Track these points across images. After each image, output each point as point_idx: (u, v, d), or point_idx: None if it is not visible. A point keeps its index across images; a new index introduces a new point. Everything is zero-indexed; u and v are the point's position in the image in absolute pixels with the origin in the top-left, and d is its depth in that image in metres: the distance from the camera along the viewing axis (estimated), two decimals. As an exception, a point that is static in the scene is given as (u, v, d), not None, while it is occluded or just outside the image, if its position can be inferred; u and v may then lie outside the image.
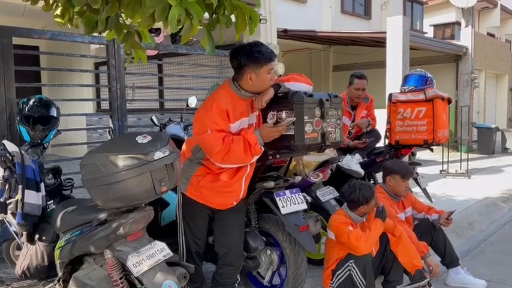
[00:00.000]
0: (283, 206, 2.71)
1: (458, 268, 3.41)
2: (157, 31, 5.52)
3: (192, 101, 4.13)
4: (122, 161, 1.94)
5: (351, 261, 2.78)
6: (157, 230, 3.19)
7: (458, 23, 12.34)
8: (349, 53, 12.09)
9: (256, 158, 2.47)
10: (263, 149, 2.46)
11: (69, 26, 2.29)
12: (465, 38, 11.51)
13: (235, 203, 2.60)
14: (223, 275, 2.71)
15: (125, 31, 2.28)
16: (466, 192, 6.51)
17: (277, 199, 2.71)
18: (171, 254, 2.15)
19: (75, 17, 2.15)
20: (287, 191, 2.80)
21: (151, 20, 1.95)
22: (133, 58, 2.48)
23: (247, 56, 2.41)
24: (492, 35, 19.06)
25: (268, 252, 2.83)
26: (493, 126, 11.35)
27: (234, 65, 2.48)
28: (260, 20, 5.90)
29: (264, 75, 2.44)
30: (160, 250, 2.14)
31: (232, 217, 2.69)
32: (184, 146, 2.68)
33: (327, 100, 2.58)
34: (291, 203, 2.75)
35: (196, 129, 2.51)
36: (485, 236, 4.75)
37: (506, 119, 14.49)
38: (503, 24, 20.81)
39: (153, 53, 5.24)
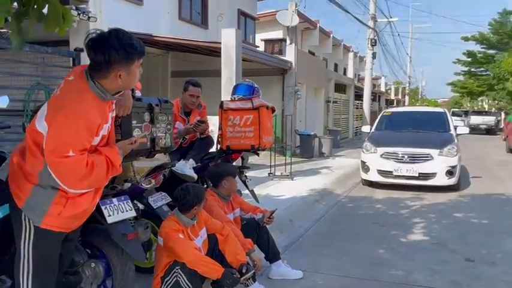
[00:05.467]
0: (110, 215, 2.58)
1: (279, 262, 3.76)
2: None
3: (3, 102, 3.60)
4: None
5: (177, 267, 2.82)
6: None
7: (285, 40, 13.67)
8: (188, 60, 12.25)
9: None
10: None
11: None
12: (290, 54, 12.81)
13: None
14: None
15: None
16: (289, 192, 7.22)
17: (102, 208, 2.56)
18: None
19: None
20: (114, 199, 2.69)
21: None
22: None
23: (118, 50, 2.04)
24: (313, 53, 21.64)
25: (93, 265, 2.65)
26: (312, 133, 12.87)
27: (98, 60, 2.05)
28: (89, 17, 5.55)
29: (135, 72, 2.14)
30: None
31: None
32: (27, 167, 2.13)
33: (157, 105, 2.58)
34: (118, 211, 2.64)
35: (50, 147, 1.99)
36: (303, 231, 5.35)
37: (323, 127, 16.58)
38: (322, 44, 23.83)
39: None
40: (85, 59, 2.77)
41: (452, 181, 7.87)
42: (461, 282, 3.78)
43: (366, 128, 10.49)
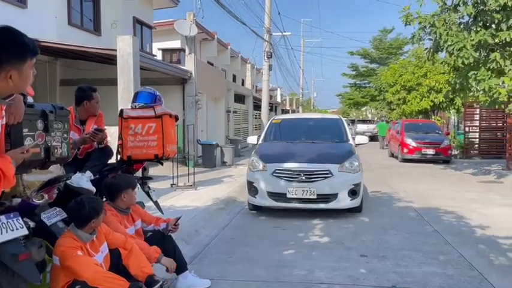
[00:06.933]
0: (-3, 234, 2.31)
1: (186, 273, 3.69)
2: None
3: None
4: None
5: (77, 286, 2.65)
6: None
7: (184, 50, 13.58)
8: (79, 67, 11.55)
9: None
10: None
11: None
12: (189, 63, 12.75)
13: None
14: None
15: None
16: (193, 202, 7.15)
17: (-13, 227, 2.29)
18: None
19: None
20: (2, 217, 2.40)
21: None
22: None
23: (8, 49, 1.87)
24: (211, 64, 21.83)
25: (-23, 292, 2.35)
26: (214, 143, 12.93)
27: None
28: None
29: (28, 72, 1.96)
30: None
31: None
32: None
33: (51, 112, 2.38)
34: (7, 229, 2.37)
35: None
36: (209, 240, 5.32)
37: (224, 136, 16.74)
38: (220, 55, 24.21)
39: None
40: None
41: (355, 202, 6.57)
42: (357, 277, 4.08)
43: (252, 139, 8.44)
